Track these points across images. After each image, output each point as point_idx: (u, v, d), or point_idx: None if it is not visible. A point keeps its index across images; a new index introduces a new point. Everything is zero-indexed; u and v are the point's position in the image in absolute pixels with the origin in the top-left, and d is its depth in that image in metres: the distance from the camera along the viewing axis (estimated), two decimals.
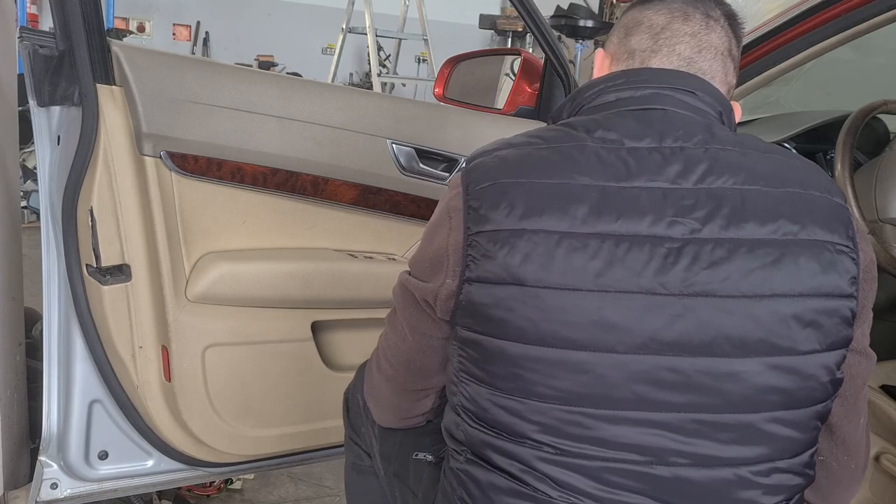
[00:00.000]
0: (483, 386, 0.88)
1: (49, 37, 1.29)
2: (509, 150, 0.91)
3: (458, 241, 0.87)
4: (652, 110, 0.91)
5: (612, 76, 0.95)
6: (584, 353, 0.83)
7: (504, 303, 0.84)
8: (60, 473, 1.43)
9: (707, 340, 0.82)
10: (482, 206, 0.86)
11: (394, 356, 1.05)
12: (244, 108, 1.43)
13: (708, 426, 0.84)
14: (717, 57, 0.95)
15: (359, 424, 1.30)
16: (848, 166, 1.65)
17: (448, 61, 1.99)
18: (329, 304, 1.58)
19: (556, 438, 0.85)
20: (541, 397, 0.84)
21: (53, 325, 1.41)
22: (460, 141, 1.65)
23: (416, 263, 0.96)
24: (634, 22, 0.98)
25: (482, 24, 7.66)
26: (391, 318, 1.04)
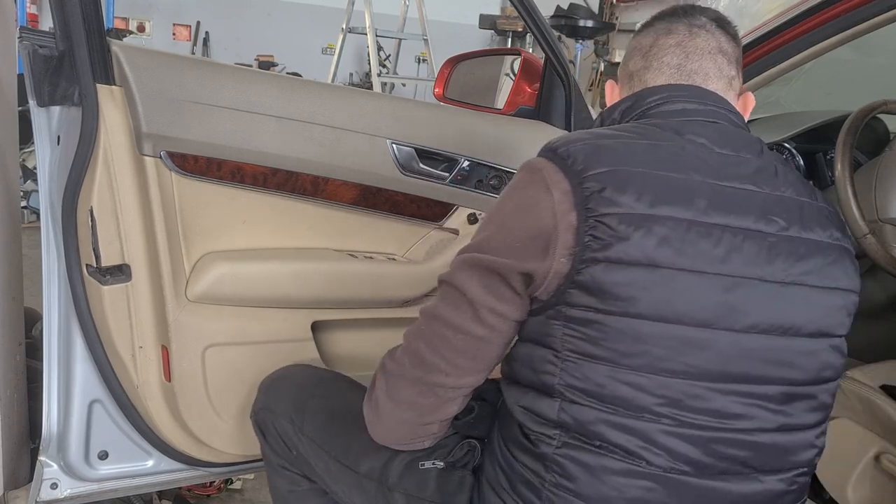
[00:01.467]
0: (603, 363, 0.91)
1: (49, 37, 1.29)
2: (606, 139, 0.97)
3: (572, 222, 0.90)
4: (716, 123, 1.03)
5: (672, 88, 1.06)
6: (709, 331, 0.92)
7: (639, 283, 0.89)
8: (60, 473, 1.43)
9: (798, 323, 0.96)
10: (606, 189, 0.90)
11: (447, 349, 0.98)
12: (244, 108, 1.43)
13: (792, 397, 0.97)
14: (704, 56, 1.07)
15: (284, 449, 1.28)
16: (848, 166, 1.65)
17: (448, 61, 1.99)
18: (329, 303, 1.58)
19: (676, 410, 0.92)
20: (669, 373, 0.91)
21: (53, 325, 1.41)
22: (460, 141, 1.65)
23: (501, 245, 0.95)
24: (629, 49, 1.13)
25: (482, 24, 7.66)
26: (443, 310, 0.98)
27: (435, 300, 1.01)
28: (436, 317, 0.99)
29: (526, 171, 0.98)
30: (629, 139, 0.97)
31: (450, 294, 0.98)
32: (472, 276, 0.95)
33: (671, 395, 0.91)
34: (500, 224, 0.97)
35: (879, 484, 1.60)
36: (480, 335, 0.96)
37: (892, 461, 1.57)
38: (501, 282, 0.94)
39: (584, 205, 0.90)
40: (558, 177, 0.93)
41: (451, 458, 1.08)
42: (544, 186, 0.93)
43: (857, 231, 1.64)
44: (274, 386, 1.35)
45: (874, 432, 1.61)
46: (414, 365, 1.00)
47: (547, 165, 0.95)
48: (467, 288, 0.95)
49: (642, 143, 0.97)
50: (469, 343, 0.96)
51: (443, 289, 1.00)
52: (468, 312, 0.96)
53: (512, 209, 0.96)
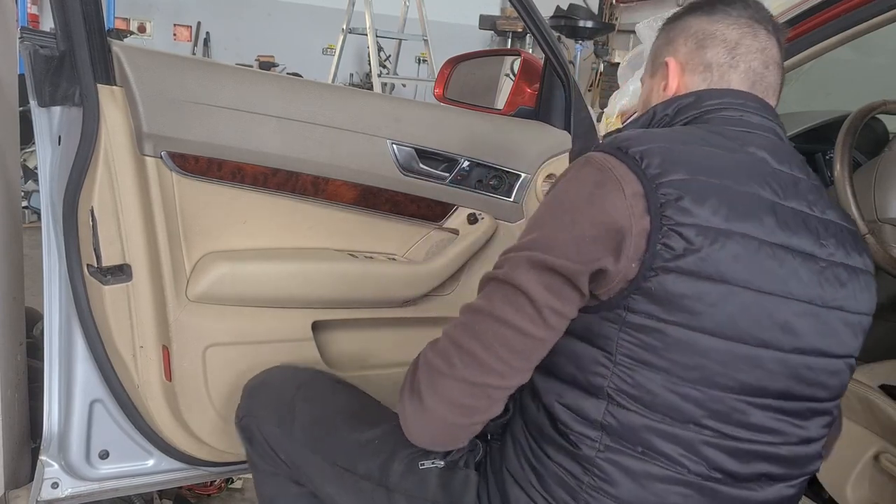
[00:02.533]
0: (658, 373, 0.90)
1: (50, 37, 1.29)
2: (679, 144, 0.94)
3: (646, 226, 0.88)
4: (769, 137, 1.02)
5: (733, 94, 1.04)
6: (764, 350, 0.93)
7: (707, 297, 0.88)
8: (61, 473, 1.43)
9: (833, 344, 0.98)
10: (683, 198, 0.88)
11: (505, 351, 0.92)
12: (245, 108, 1.44)
13: (814, 413, 1.00)
14: (777, 70, 1.08)
15: (272, 454, 1.26)
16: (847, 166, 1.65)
17: (448, 62, 1.99)
18: (329, 303, 1.58)
19: (720, 423, 0.93)
20: (721, 387, 0.92)
21: (54, 325, 1.41)
22: (460, 141, 1.65)
23: (569, 243, 0.90)
24: (706, 34, 1.07)
25: (482, 24, 7.65)
26: (502, 311, 0.92)
27: (486, 299, 0.94)
28: (495, 317, 0.92)
29: (591, 166, 0.92)
30: (699, 144, 0.95)
31: (509, 294, 0.92)
32: (534, 277, 0.91)
33: (719, 409, 0.92)
34: (565, 220, 0.91)
35: (879, 483, 1.60)
36: (542, 336, 0.92)
37: (892, 461, 1.57)
38: (566, 282, 0.90)
39: (661, 211, 0.87)
40: (630, 177, 0.89)
41: (451, 458, 1.07)
42: (616, 184, 0.89)
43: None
44: (257, 390, 1.34)
45: (873, 432, 1.61)
46: (467, 365, 0.94)
47: (616, 164, 0.91)
48: (529, 288, 0.90)
49: (711, 150, 0.94)
50: (528, 344, 0.92)
51: (499, 288, 0.93)
52: (531, 313, 0.91)
53: (578, 204, 0.91)
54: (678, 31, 1.10)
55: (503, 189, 1.72)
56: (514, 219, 1.75)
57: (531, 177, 1.73)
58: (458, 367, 0.94)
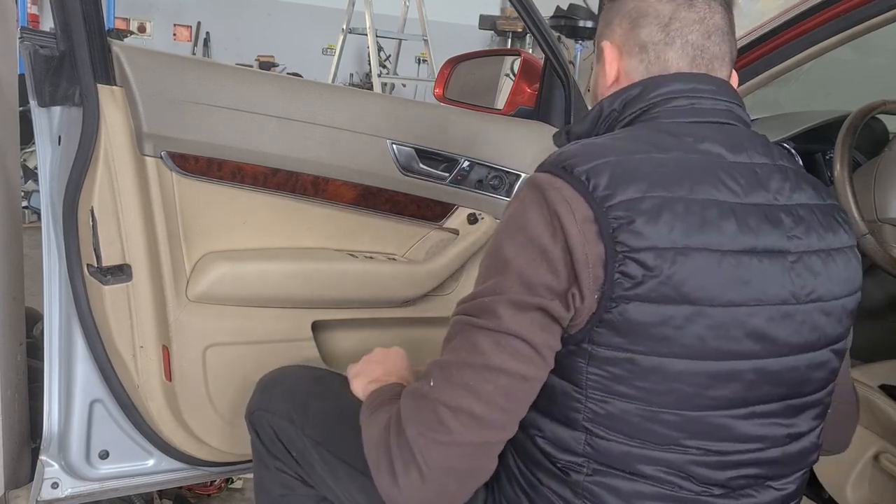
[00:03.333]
0: (632, 402, 0.87)
1: (50, 37, 1.29)
2: (625, 156, 0.88)
3: (600, 254, 0.83)
4: (727, 125, 0.96)
5: (681, 79, 0.96)
6: (739, 363, 0.89)
7: (672, 321, 0.84)
8: (61, 473, 1.43)
9: (813, 339, 0.94)
10: (637, 219, 0.83)
11: (510, 401, 0.86)
12: (245, 108, 1.44)
13: (800, 408, 0.96)
14: (724, 39, 1.00)
15: (282, 450, 1.24)
16: (847, 166, 1.65)
17: (448, 62, 1.99)
18: (329, 303, 1.58)
19: (703, 441, 0.90)
20: (697, 407, 0.88)
21: (54, 325, 1.41)
22: (460, 141, 1.65)
23: (538, 280, 0.84)
24: (639, 12, 0.99)
25: (482, 24, 7.66)
26: (502, 362, 0.85)
27: (473, 351, 0.86)
28: (491, 369, 0.85)
29: (539, 190, 0.86)
30: (647, 153, 0.88)
31: (501, 341, 0.85)
32: (525, 319, 0.85)
33: (698, 429, 0.89)
34: (533, 254, 0.85)
35: (879, 483, 1.60)
36: (542, 376, 0.88)
37: (892, 461, 1.57)
38: (551, 318, 0.85)
39: (613, 237, 0.82)
40: (578, 202, 0.83)
41: None
42: (566, 208, 0.83)
43: (857, 231, 1.64)
44: (271, 386, 1.32)
45: (873, 432, 1.61)
46: (466, 426, 0.85)
47: (562, 185, 0.85)
48: (523, 332, 0.84)
49: (662, 157, 0.88)
50: (529, 387, 0.87)
51: (488, 337, 0.85)
52: (530, 356, 0.85)
53: (539, 234, 0.85)
54: (614, 12, 1.02)
55: (503, 189, 1.72)
56: None
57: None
58: (457, 430, 0.85)
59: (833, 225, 0.96)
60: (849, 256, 0.98)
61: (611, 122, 1.00)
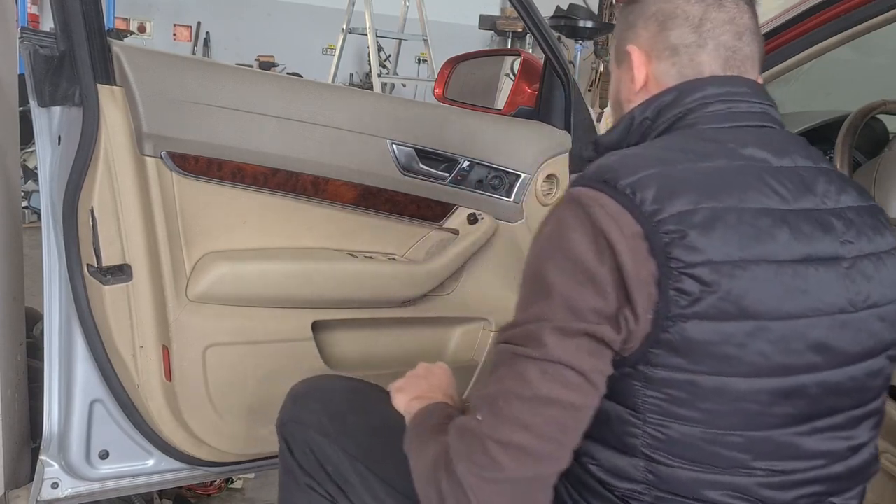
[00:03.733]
0: (695, 426, 0.83)
1: (50, 37, 1.29)
2: (671, 167, 0.85)
3: (653, 272, 0.79)
4: (766, 127, 0.94)
5: (715, 83, 0.93)
6: (802, 377, 0.86)
7: (734, 338, 0.81)
8: (61, 473, 1.43)
9: (871, 346, 0.91)
10: (690, 233, 0.79)
11: (564, 433, 0.82)
12: (245, 108, 1.44)
13: (860, 419, 0.93)
14: (753, 39, 0.97)
15: (315, 465, 1.18)
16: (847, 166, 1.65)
17: (448, 62, 1.99)
18: (329, 303, 1.58)
19: (770, 462, 0.87)
20: (762, 427, 0.85)
21: (54, 325, 1.41)
22: (460, 141, 1.65)
23: (585, 305, 0.81)
24: (666, 14, 0.96)
25: (482, 24, 7.66)
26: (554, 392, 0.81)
27: (520, 381, 0.82)
28: (541, 400, 0.81)
29: (581, 206, 0.82)
30: (692, 161, 0.85)
31: (550, 371, 0.81)
32: (572, 346, 0.81)
33: (764, 449, 0.86)
34: (577, 276, 0.81)
35: (879, 484, 1.60)
36: (594, 404, 0.83)
37: (892, 461, 1.57)
38: (601, 343, 0.82)
39: (666, 253, 0.79)
40: (625, 217, 0.80)
41: None
42: (613, 225, 0.80)
43: None
44: (305, 397, 1.25)
45: None
46: (521, 462, 0.81)
47: (607, 202, 0.81)
48: (573, 360, 0.81)
49: (707, 166, 0.85)
50: (581, 416, 0.83)
51: (535, 366, 0.81)
52: (580, 384, 0.81)
53: (584, 254, 0.81)
54: (637, 14, 0.99)
55: (503, 189, 1.72)
56: (514, 219, 1.75)
57: (531, 177, 1.73)
58: (510, 466, 0.81)
59: (879, 227, 0.93)
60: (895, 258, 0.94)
61: (643, 131, 0.97)
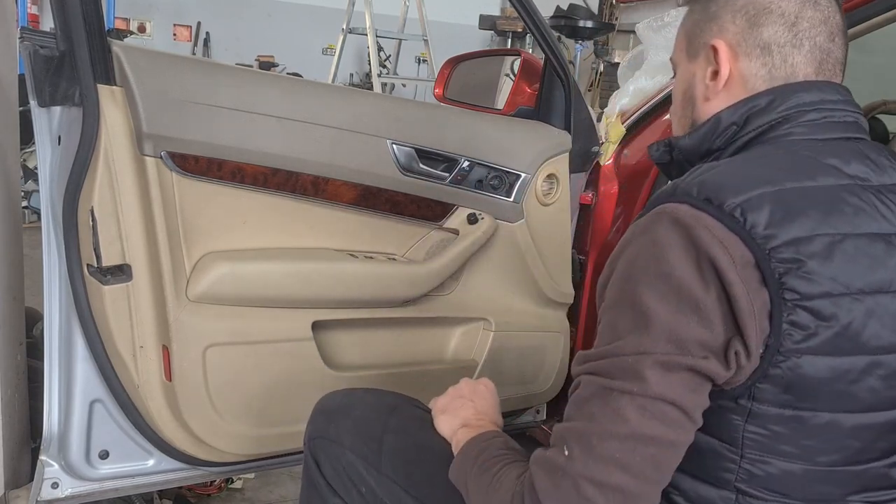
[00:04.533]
0: (796, 462, 0.80)
1: (50, 37, 1.29)
2: (781, 185, 0.79)
3: (765, 302, 0.74)
4: (860, 140, 0.89)
5: (808, 89, 0.88)
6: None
7: (848, 375, 0.77)
8: (61, 473, 1.43)
9: None
10: (807, 262, 0.74)
11: (659, 470, 0.79)
12: (245, 108, 1.44)
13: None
14: (843, 40, 0.92)
15: (348, 484, 1.13)
16: None
17: (448, 62, 1.99)
18: (329, 303, 1.58)
19: (865, 494, 0.83)
20: (867, 461, 0.82)
21: (54, 325, 1.41)
22: (460, 141, 1.65)
23: (690, 338, 0.75)
24: (759, 8, 0.89)
25: (482, 24, 7.66)
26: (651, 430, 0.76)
27: (616, 419, 0.77)
28: (638, 438, 0.76)
29: (678, 227, 0.76)
30: (800, 181, 0.79)
31: (649, 407, 0.76)
32: (676, 382, 0.76)
33: (861, 483, 0.83)
34: (681, 305, 0.75)
35: None
36: (690, 439, 0.79)
37: None
38: (704, 377, 0.77)
39: (781, 283, 0.74)
40: (733, 241, 0.74)
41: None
42: (721, 252, 0.74)
43: None
44: (338, 413, 1.19)
45: None
46: (617, 502, 0.77)
47: (712, 224, 0.75)
48: (676, 397, 0.76)
49: (816, 186, 0.80)
50: (678, 453, 0.79)
51: (632, 402, 0.77)
52: (681, 421, 0.77)
53: (688, 281, 0.75)
54: (721, 4, 0.92)
55: (503, 189, 1.72)
56: (514, 219, 1.75)
57: (531, 177, 1.73)
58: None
59: None
60: None
61: (728, 137, 0.90)
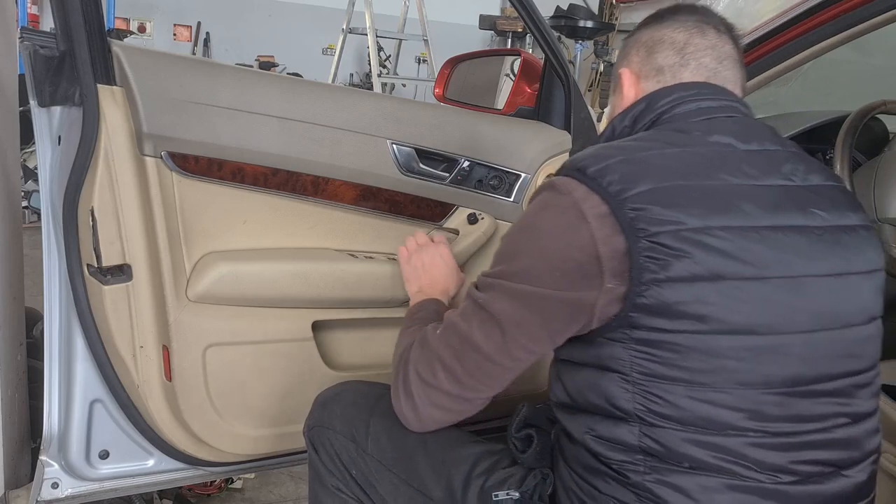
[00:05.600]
0: (678, 384, 0.89)
1: (50, 37, 1.29)
2: (637, 153, 0.95)
3: (620, 246, 0.88)
4: (732, 117, 1.03)
5: (683, 87, 1.04)
6: (781, 336, 0.91)
7: (708, 298, 0.87)
8: (61, 473, 1.43)
9: (853, 312, 0.96)
10: (653, 207, 0.88)
11: (481, 374, 1.01)
12: (245, 108, 1.44)
13: (856, 387, 0.97)
14: (735, 65, 1.08)
15: (341, 468, 1.24)
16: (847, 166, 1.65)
17: (448, 62, 1.99)
18: (329, 303, 1.58)
19: (759, 422, 0.90)
20: (747, 384, 0.90)
21: (54, 325, 1.41)
22: (460, 141, 1.65)
23: (544, 277, 0.93)
24: (655, 40, 1.09)
25: (482, 24, 7.66)
26: (476, 337, 0.99)
27: (466, 320, 1.01)
28: (469, 341, 0.99)
29: (553, 192, 0.94)
30: (660, 149, 0.95)
31: (485, 320, 0.98)
32: (509, 308, 0.95)
33: (752, 408, 0.90)
34: (535, 250, 0.94)
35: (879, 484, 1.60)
36: (508, 365, 0.98)
37: (892, 461, 1.57)
38: (539, 320, 0.94)
39: (633, 226, 0.88)
40: (593, 200, 0.90)
41: (524, 488, 1.04)
42: (578, 212, 0.90)
43: None
44: (331, 402, 1.30)
45: None
46: (450, 382, 1.03)
47: (577, 187, 0.92)
48: (503, 319, 0.96)
49: (672, 151, 0.95)
50: (496, 369, 0.99)
51: (478, 312, 0.99)
52: (499, 342, 0.97)
53: (550, 233, 0.93)
54: (631, 44, 1.13)
55: (503, 189, 1.71)
56: (514, 219, 1.75)
57: (531, 177, 1.73)
58: (442, 381, 1.04)
59: (853, 205, 1.01)
60: (870, 235, 1.01)
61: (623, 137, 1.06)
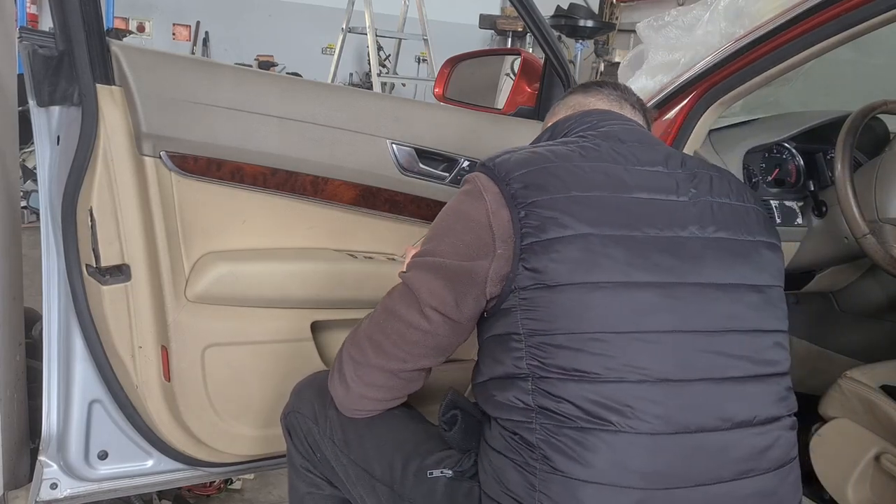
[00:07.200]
0: (560, 334, 0.98)
1: (49, 37, 1.28)
2: (528, 150, 1.11)
3: (506, 216, 1.03)
4: (629, 126, 1.19)
5: (585, 114, 1.24)
6: (648, 276, 1.02)
7: (573, 244, 1.01)
8: (60, 473, 1.43)
9: (721, 267, 1.08)
10: (529, 185, 1.04)
11: (403, 342, 1.10)
12: (244, 108, 1.43)
13: (749, 305, 1.10)
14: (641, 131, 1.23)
15: (309, 451, 1.31)
16: (848, 166, 1.65)
17: (448, 61, 1.99)
18: (329, 304, 1.58)
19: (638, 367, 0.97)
20: (619, 328, 0.99)
21: (53, 325, 1.41)
22: (460, 141, 1.65)
23: (449, 248, 1.07)
24: (581, 104, 1.28)
25: (482, 24, 7.66)
26: (398, 307, 1.09)
27: (391, 297, 1.12)
28: (392, 312, 1.10)
29: (467, 182, 1.11)
30: (550, 147, 1.12)
31: (405, 293, 1.09)
32: (423, 278, 1.07)
33: (630, 350, 0.96)
34: (445, 230, 1.09)
35: (880, 484, 1.60)
36: (426, 329, 1.07)
37: (893, 461, 1.57)
38: (446, 284, 1.05)
39: (514, 199, 1.02)
40: (489, 183, 1.06)
41: (459, 468, 1.10)
42: (478, 193, 1.06)
43: (857, 231, 1.64)
44: (303, 389, 1.36)
45: (874, 433, 1.61)
46: (377, 354, 1.12)
47: (480, 176, 1.09)
48: (417, 288, 1.07)
49: (562, 148, 1.10)
50: (419, 335, 1.08)
51: (400, 287, 1.11)
52: (415, 308, 1.07)
53: (454, 216, 1.09)
54: (561, 105, 1.32)
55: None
56: None
57: None
58: (370, 355, 1.12)
59: (730, 184, 1.13)
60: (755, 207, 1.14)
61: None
